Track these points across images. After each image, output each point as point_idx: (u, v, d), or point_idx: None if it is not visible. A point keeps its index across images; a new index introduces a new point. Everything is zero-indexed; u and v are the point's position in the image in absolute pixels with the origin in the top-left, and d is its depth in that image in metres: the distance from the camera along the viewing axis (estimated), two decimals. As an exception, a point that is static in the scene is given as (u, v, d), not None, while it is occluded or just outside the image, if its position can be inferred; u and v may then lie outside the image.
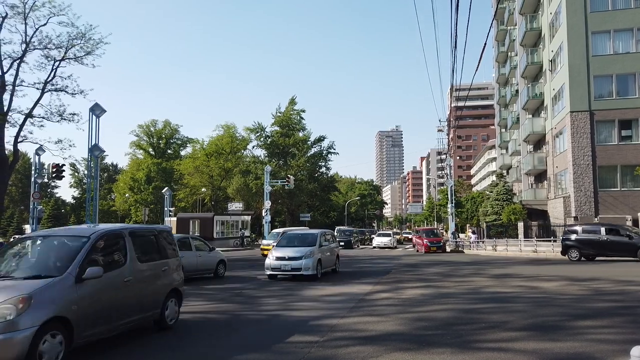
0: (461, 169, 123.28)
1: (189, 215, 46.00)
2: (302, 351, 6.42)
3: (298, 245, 15.92)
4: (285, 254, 15.31)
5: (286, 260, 15.16)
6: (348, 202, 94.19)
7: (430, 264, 22.41)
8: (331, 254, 17.24)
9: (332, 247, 17.70)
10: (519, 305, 9.88)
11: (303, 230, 18.95)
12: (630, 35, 31.15)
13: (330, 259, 17.04)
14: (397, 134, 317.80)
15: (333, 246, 17.92)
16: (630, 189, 30.60)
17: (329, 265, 16.89)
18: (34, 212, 28.50)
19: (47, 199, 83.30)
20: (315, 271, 15.09)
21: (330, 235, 18.40)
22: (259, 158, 65.45)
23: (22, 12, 24.59)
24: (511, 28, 49.55)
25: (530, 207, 39.51)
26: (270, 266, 15.39)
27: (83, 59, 26.45)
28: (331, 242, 17.95)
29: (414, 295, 11.71)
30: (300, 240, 16.40)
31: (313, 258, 15.17)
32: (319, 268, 15.44)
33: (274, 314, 9.44)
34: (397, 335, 7.35)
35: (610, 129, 31.34)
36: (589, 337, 7.11)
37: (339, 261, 18.19)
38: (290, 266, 15.08)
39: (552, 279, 14.80)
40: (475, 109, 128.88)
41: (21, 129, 25.36)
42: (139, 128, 76.95)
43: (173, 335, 7.65)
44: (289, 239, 16.96)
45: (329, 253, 17.00)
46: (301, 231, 18.57)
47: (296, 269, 14.99)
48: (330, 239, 18.04)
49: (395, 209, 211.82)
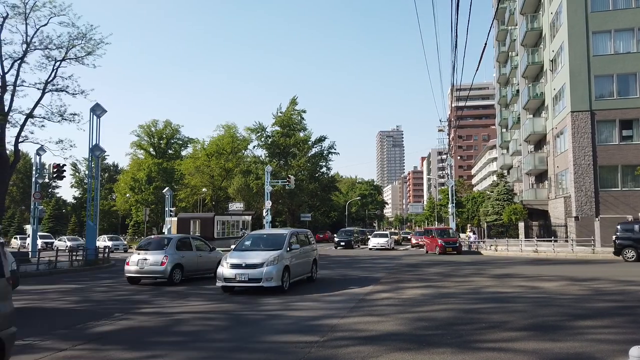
0: (462, 169, 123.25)
1: (189, 215, 46.01)
2: (302, 351, 6.42)
3: (261, 249, 13.10)
4: (242, 261, 12.36)
5: (243, 269, 12.19)
6: (349, 202, 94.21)
7: (431, 264, 22.41)
8: (305, 259, 14.38)
9: (307, 251, 14.80)
10: (519, 305, 9.88)
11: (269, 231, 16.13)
12: (631, 35, 31.13)
13: (304, 265, 14.20)
14: (397, 134, 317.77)
15: (309, 249, 15.01)
16: (631, 188, 30.59)
17: (303, 272, 14.15)
18: (34, 212, 28.51)
19: (48, 199, 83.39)
20: (280, 282, 12.20)
21: (304, 235, 15.43)
22: (260, 158, 65.47)
23: (23, 13, 24.59)
24: (512, 28, 49.54)
25: (531, 207, 39.51)
26: (222, 276, 12.35)
27: (84, 59, 26.43)
28: (306, 244, 14.99)
29: (415, 295, 11.72)
30: (265, 243, 13.53)
31: (278, 265, 12.28)
32: (286, 277, 12.59)
33: (274, 314, 9.45)
34: (397, 335, 7.35)
35: (611, 128, 31.33)
36: (589, 337, 7.11)
37: (317, 267, 15.57)
38: (247, 276, 12.06)
39: (553, 279, 14.80)
40: (476, 108, 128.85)
41: (22, 129, 25.36)
42: (139, 128, 77.01)
43: (182, 329, 7.65)
44: (250, 241, 14.10)
45: (303, 258, 14.11)
46: (267, 232, 15.56)
47: (255, 280, 12.04)
48: (305, 240, 15.13)
49: (396, 209, 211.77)
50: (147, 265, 14.77)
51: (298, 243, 14.01)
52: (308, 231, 16.26)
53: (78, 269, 21.34)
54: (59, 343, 7.11)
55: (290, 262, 12.97)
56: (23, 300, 11.73)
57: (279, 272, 12.23)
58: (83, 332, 7.97)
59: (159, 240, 16.43)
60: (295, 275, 13.36)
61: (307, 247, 14.89)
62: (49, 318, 9.48)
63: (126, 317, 9.25)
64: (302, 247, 14.39)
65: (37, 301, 11.88)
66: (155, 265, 14.69)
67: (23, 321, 9.12)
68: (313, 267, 15.05)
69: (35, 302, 11.73)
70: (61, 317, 9.52)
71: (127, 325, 8.49)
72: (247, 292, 12.63)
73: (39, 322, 8.95)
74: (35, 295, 12.93)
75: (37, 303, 11.58)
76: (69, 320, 9.02)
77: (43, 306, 11.15)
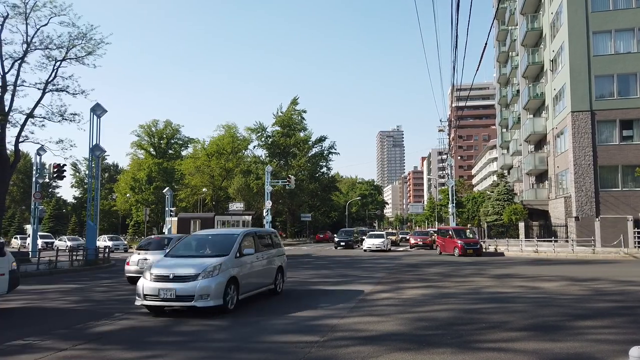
0: (462, 169, 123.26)
1: (189, 215, 46.03)
2: (302, 351, 6.42)
3: (201, 255, 10.10)
4: (169, 271, 9.18)
5: (169, 282, 9.02)
6: (349, 202, 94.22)
7: (431, 264, 22.41)
8: (266, 267, 11.39)
9: (270, 256, 11.75)
10: (519, 306, 9.88)
11: (217, 231, 12.86)
12: (631, 35, 31.13)
13: (264, 274, 11.25)
14: (398, 134, 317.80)
15: (272, 254, 11.95)
16: (631, 189, 30.59)
17: (261, 284, 11.17)
18: (35, 212, 28.53)
19: (49, 199, 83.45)
20: (220, 299, 9.06)
21: (267, 237, 12.46)
22: (260, 158, 65.52)
23: (23, 12, 24.59)
24: (512, 28, 49.54)
25: (531, 207, 39.51)
26: (142, 291, 9.16)
27: (84, 59, 26.43)
28: (268, 247, 12.02)
29: (415, 295, 11.71)
30: (208, 247, 10.58)
31: (219, 277, 9.13)
32: (232, 293, 9.47)
33: (274, 314, 9.44)
34: (397, 335, 7.35)
35: (611, 129, 31.33)
36: (589, 337, 7.11)
37: (283, 276, 12.52)
38: (174, 292, 8.89)
39: (553, 279, 14.80)
40: (476, 108, 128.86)
41: (22, 129, 25.36)
42: (140, 128, 77.17)
43: (182, 329, 7.65)
44: (189, 244, 11.00)
45: (262, 266, 11.15)
46: (213, 232, 12.15)
47: (184, 297, 8.91)
48: (267, 242, 12.14)
49: (396, 209, 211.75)
50: (147, 265, 14.76)
51: (254, 247, 10.88)
52: (273, 231, 13.39)
53: (78, 268, 21.34)
54: (59, 343, 7.11)
55: (240, 272, 9.92)
56: (23, 300, 11.74)
57: (219, 286, 9.09)
58: (83, 332, 7.97)
59: (159, 241, 16.45)
60: (248, 289, 10.36)
61: (269, 252, 11.84)
62: (49, 318, 9.47)
63: (126, 317, 9.24)
64: (261, 251, 11.33)
65: (37, 301, 11.89)
66: (155, 265, 14.70)
67: (23, 321, 9.14)
68: (278, 277, 12.07)
69: (35, 301, 11.74)
70: (61, 317, 9.52)
71: (127, 325, 8.49)
72: (180, 312, 9.50)
73: (38, 322, 8.95)
74: (35, 295, 12.94)
75: (37, 303, 11.58)
76: (69, 320, 9.01)
77: (43, 306, 11.15)
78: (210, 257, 9.85)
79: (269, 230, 13.82)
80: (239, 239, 10.39)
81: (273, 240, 12.62)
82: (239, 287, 9.83)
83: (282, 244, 13.39)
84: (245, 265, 10.26)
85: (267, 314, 9.38)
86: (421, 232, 46.77)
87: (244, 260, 10.27)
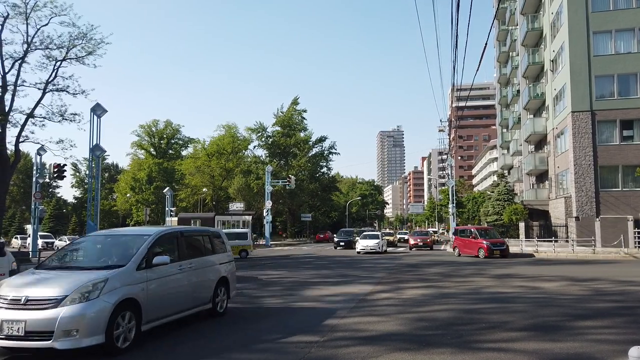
0: (462, 169, 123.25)
1: (190, 215, 46.10)
2: (302, 351, 6.43)
3: (84, 267, 7.04)
4: (20, 293, 6.13)
5: (20, 309, 5.99)
6: (349, 202, 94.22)
7: (431, 264, 22.41)
8: (197, 280, 8.29)
9: (206, 265, 8.67)
10: (519, 306, 9.88)
11: (121, 231, 8.92)
12: (631, 35, 31.12)
13: (193, 290, 8.16)
14: (398, 134, 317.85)
15: (210, 262, 8.82)
16: (631, 189, 30.57)
17: (188, 304, 8.05)
18: (35, 212, 28.55)
19: (49, 199, 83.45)
20: (101, 335, 6.05)
21: (203, 238, 9.15)
22: (260, 158, 65.59)
23: (24, 12, 24.64)
24: (512, 28, 49.54)
25: (531, 207, 39.50)
26: None
27: (84, 59, 26.51)
28: (202, 253, 8.73)
29: (415, 295, 11.71)
30: (104, 252, 7.56)
31: (99, 301, 6.16)
32: (123, 324, 6.43)
33: (275, 314, 9.45)
34: (397, 335, 7.35)
35: (611, 129, 31.31)
36: (589, 337, 7.11)
37: (228, 290, 9.30)
38: (21, 326, 5.84)
39: (553, 279, 14.79)
40: (476, 109, 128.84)
41: (22, 129, 25.42)
42: (140, 128, 77.31)
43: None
44: (75, 250, 7.92)
45: (190, 279, 8.06)
46: (115, 232, 8.61)
47: (38, 334, 5.86)
48: (205, 246, 8.99)
49: (397, 209, 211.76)
50: None
51: (176, 253, 7.84)
52: (214, 232, 9.74)
53: (78, 268, 21.27)
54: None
55: (146, 290, 6.89)
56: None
57: (100, 314, 6.06)
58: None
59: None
60: (161, 314, 7.30)
61: (204, 259, 8.61)
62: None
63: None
64: (190, 259, 8.14)
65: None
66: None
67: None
68: (219, 292, 8.91)
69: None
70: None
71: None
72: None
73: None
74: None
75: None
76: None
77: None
78: (98, 269, 6.75)
79: (205, 229, 10.37)
80: (146, 243, 7.28)
81: (213, 244, 9.23)
82: (142, 312, 6.76)
83: (228, 247, 9.78)
84: (155, 280, 7.13)
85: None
86: (421, 232, 46.06)
87: (155, 273, 7.15)
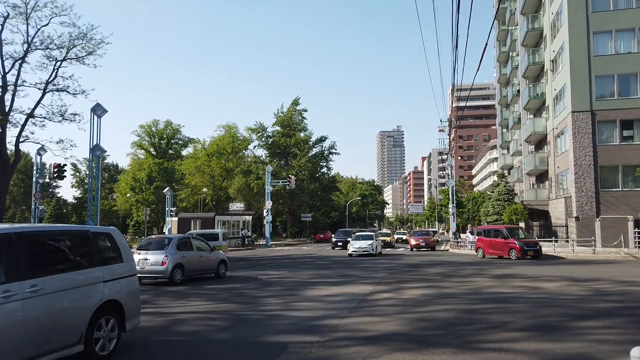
0: (462, 169, 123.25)
1: (190, 215, 46.07)
2: (302, 351, 6.43)
3: None
4: None
5: None
6: (349, 202, 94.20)
7: (431, 264, 22.40)
8: (56, 308, 5.30)
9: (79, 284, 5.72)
10: (520, 306, 9.87)
11: None
12: (631, 35, 31.11)
13: (42, 324, 5.08)
14: (398, 134, 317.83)
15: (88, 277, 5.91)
16: (631, 189, 30.57)
17: (37, 347, 5.01)
18: (35, 212, 28.57)
19: (49, 199, 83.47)
20: None
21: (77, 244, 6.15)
22: (260, 158, 65.60)
23: (24, 13, 24.67)
24: (512, 28, 49.53)
25: (531, 207, 39.49)
26: None
27: (84, 59, 26.55)
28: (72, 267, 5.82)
29: (415, 295, 11.71)
30: None
31: None
32: None
33: (275, 314, 9.45)
34: (398, 335, 7.35)
35: (611, 129, 31.31)
36: (590, 337, 7.11)
37: (124, 318, 6.45)
38: None
39: (553, 279, 14.78)
40: (476, 109, 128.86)
41: (23, 129, 25.46)
42: (140, 128, 77.25)
43: (176, 334, 7.64)
44: None
45: (36, 308, 5.00)
46: None
47: None
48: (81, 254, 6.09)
49: (397, 209, 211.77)
50: (147, 265, 14.76)
51: (6, 267, 4.95)
52: (106, 231, 6.87)
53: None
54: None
55: None
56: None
57: None
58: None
59: (159, 240, 16.41)
60: None
61: (64, 277, 5.60)
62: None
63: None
64: (32, 278, 5.10)
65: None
66: (156, 265, 14.70)
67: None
68: (101, 324, 6.04)
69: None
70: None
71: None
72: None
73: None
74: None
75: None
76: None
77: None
78: None
79: (74, 228, 6.57)
80: None
81: (92, 251, 6.26)
82: None
83: (128, 254, 6.98)
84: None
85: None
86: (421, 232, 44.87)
87: None
